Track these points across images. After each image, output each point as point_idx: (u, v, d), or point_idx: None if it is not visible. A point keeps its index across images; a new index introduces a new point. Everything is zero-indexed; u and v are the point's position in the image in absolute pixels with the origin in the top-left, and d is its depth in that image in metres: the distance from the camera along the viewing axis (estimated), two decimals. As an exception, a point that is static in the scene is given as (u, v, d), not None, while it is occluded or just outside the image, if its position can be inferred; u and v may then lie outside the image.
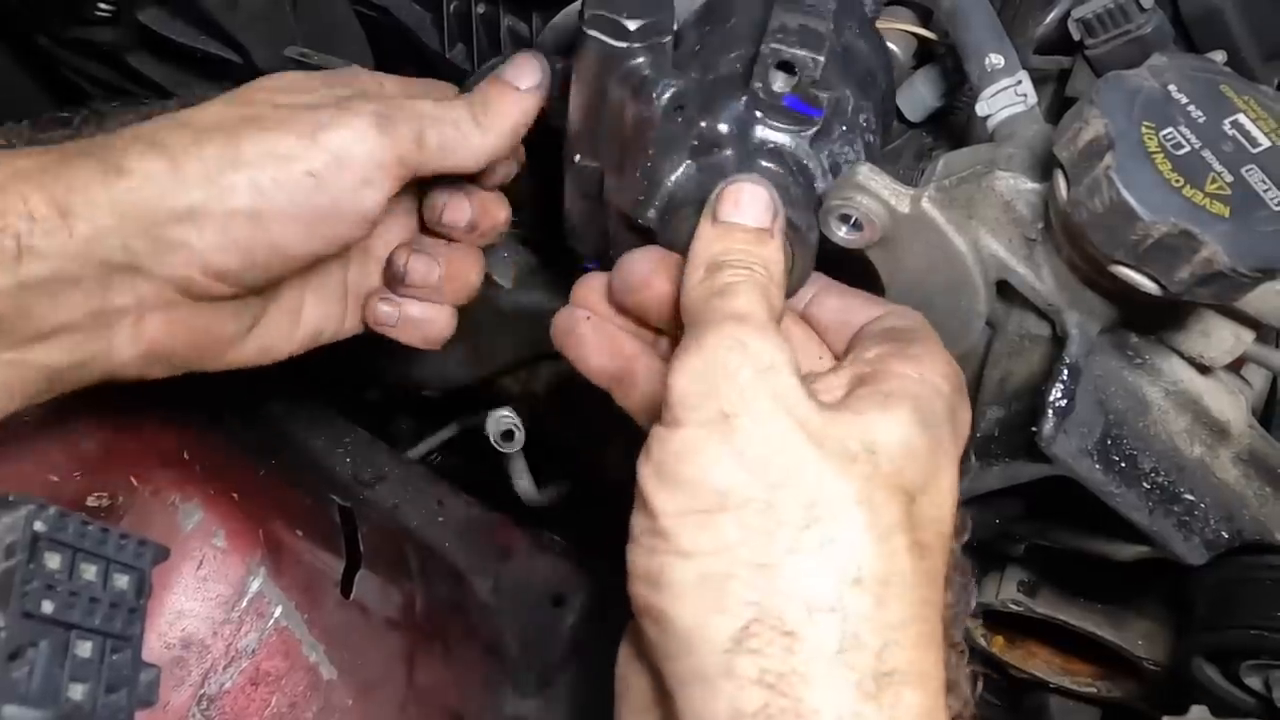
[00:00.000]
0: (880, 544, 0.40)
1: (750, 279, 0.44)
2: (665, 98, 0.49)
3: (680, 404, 0.41)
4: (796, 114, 0.51)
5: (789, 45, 0.48)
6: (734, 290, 0.44)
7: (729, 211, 0.46)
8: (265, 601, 0.65)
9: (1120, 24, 0.58)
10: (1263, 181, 0.46)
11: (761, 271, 0.45)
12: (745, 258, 0.45)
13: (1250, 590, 0.61)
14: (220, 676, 0.63)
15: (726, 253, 0.45)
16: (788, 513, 0.40)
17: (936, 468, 0.43)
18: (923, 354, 0.45)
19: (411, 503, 0.90)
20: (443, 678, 0.79)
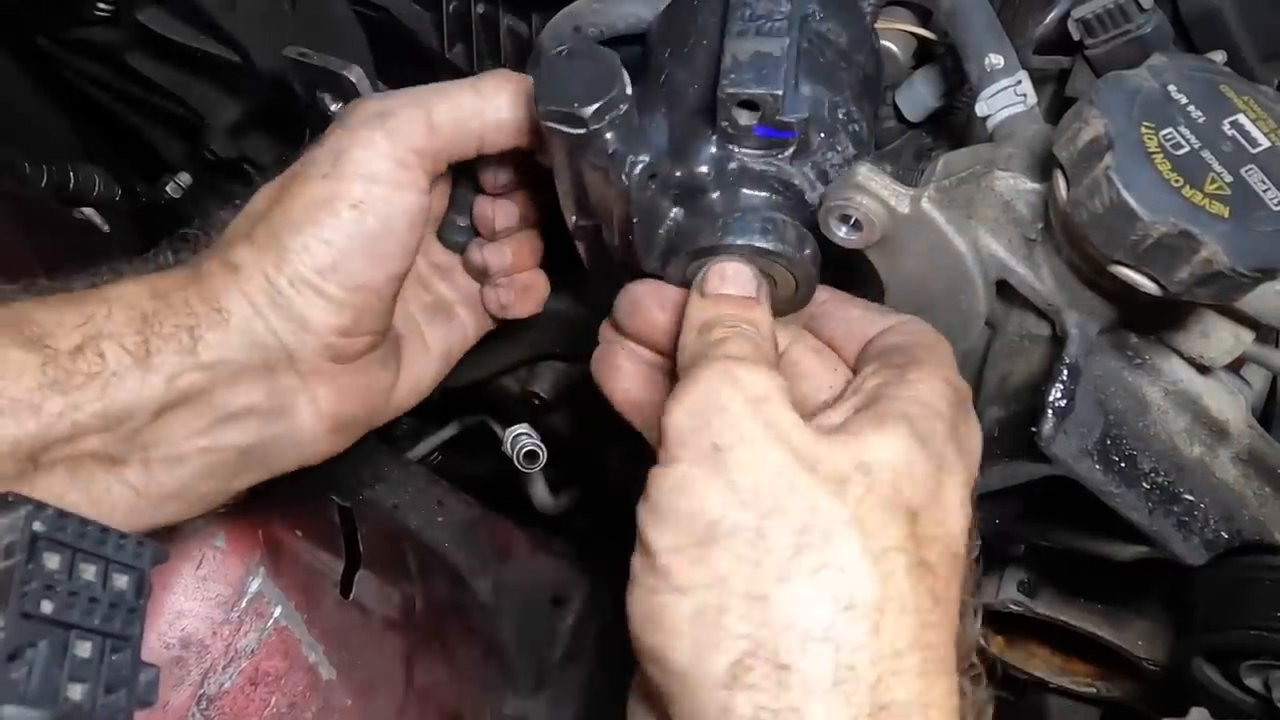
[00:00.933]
0: (875, 566, 0.39)
1: (740, 332, 0.46)
2: (635, 174, 0.49)
3: (674, 441, 0.42)
4: (770, 139, 0.51)
5: (744, 86, 0.48)
6: (725, 341, 0.45)
7: (715, 286, 0.49)
8: (264, 601, 0.65)
9: (1120, 24, 0.58)
10: (1262, 182, 0.46)
11: (751, 329, 0.47)
12: (734, 319, 0.47)
13: (1250, 590, 0.61)
14: (219, 676, 0.63)
15: (718, 317, 0.47)
16: (778, 539, 0.39)
17: (939, 485, 0.42)
18: (921, 377, 0.45)
19: (411, 503, 0.90)
20: (442, 677, 0.79)
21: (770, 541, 0.39)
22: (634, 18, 0.60)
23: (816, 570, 0.39)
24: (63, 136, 1.12)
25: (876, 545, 0.39)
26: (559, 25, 0.62)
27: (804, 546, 0.39)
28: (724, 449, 0.41)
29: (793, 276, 0.52)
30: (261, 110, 0.91)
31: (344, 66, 0.63)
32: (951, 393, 0.45)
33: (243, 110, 0.91)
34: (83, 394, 0.47)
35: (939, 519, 0.42)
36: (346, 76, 0.63)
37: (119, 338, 0.48)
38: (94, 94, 0.98)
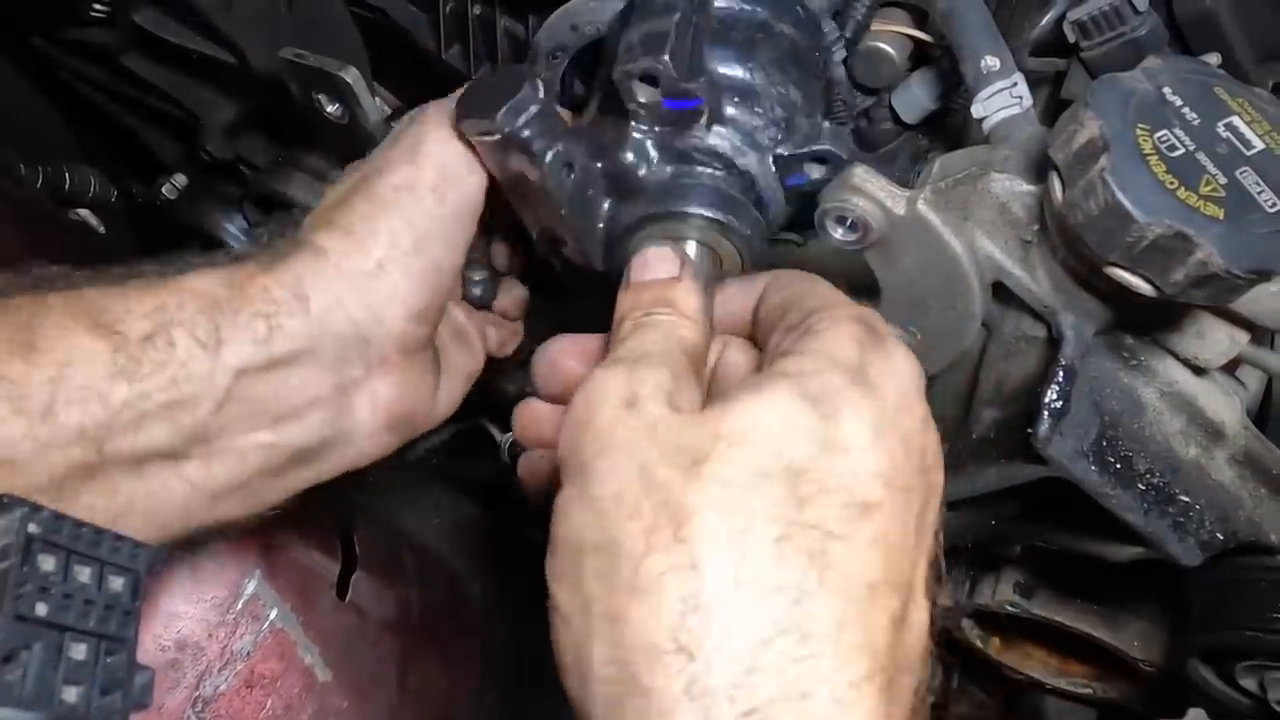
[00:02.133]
0: (730, 548, 0.35)
1: (647, 321, 0.45)
2: (548, 161, 0.51)
3: (561, 467, 0.40)
4: (679, 112, 0.52)
5: (635, 61, 0.49)
6: (624, 340, 0.44)
7: (637, 274, 0.48)
8: (260, 604, 0.65)
9: (1115, 26, 0.59)
10: (1257, 184, 0.47)
11: (664, 312, 0.45)
12: (651, 304, 0.46)
13: (1245, 591, 0.62)
14: (215, 679, 0.63)
15: (634, 306, 0.46)
16: (630, 546, 0.36)
17: (834, 434, 0.37)
18: (822, 323, 0.42)
19: (408, 505, 0.90)
20: (438, 680, 0.79)
21: (623, 550, 0.36)
22: (630, 19, 0.60)
23: (664, 573, 0.35)
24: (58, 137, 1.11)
25: (732, 525, 0.36)
26: (555, 25, 0.62)
27: (652, 548, 0.36)
28: (588, 463, 0.39)
29: (730, 242, 0.52)
30: (257, 111, 0.90)
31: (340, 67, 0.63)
32: (858, 330, 0.41)
33: (238, 111, 0.91)
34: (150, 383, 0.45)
35: (833, 469, 0.37)
36: (342, 78, 0.63)
37: (190, 326, 0.47)
38: (89, 95, 0.98)
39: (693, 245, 0.53)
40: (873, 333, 0.42)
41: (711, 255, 0.53)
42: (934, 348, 0.59)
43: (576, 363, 0.52)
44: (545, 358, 0.54)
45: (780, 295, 0.47)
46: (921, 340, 0.59)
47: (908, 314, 0.58)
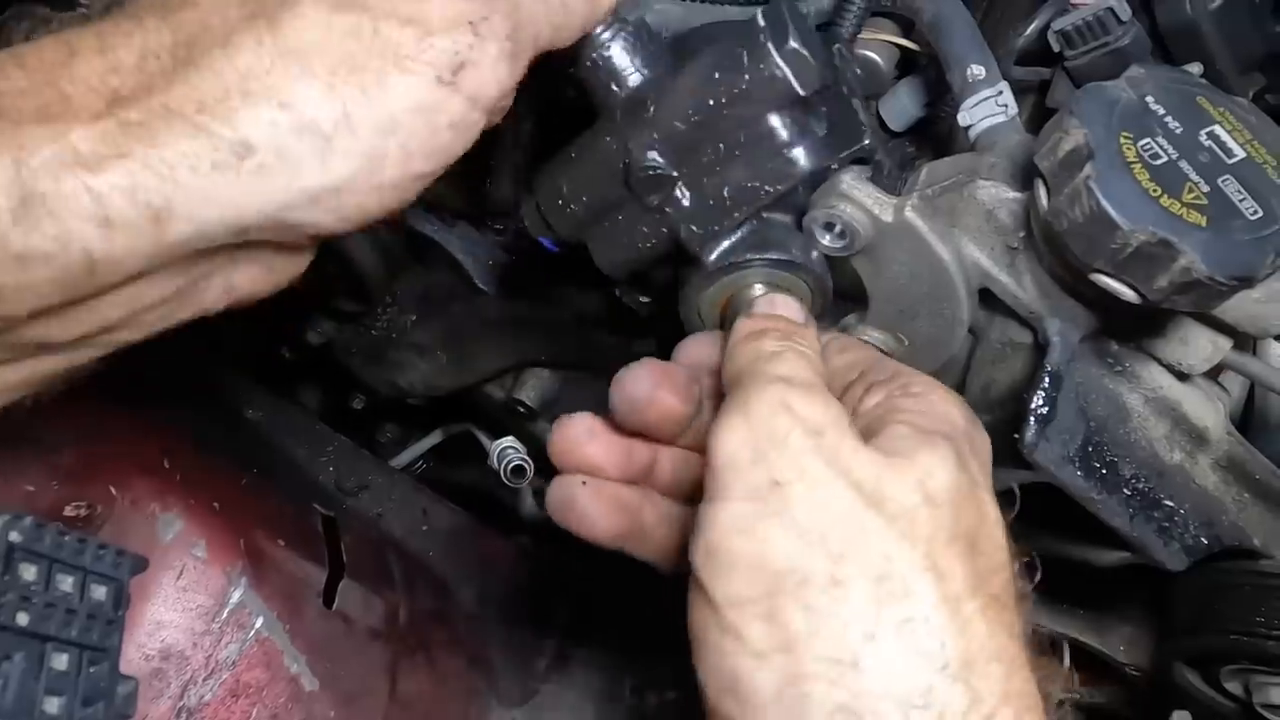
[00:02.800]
0: (955, 616, 0.36)
1: (793, 348, 0.43)
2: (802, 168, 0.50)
3: (727, 473, 0.38)
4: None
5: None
6: (779, 356, 0.42)
7: (765, 308, 0.48)
8: (246, 612, 0.64)
9: (1099, 36, 0.59)
10: (1238, 191, 0.47)
11: (803, 344, 0.44)
12: (790, 333, 0.45)
13: (1229, 596, 0.62)
14: (200, 688, 0.62)
15: (773, 330, 0.45)
16: (857, 589, 0.36)
17: (981, 503, 0.40)
18: (924, 390, 0.43)
19: (395, 512, 0.89)
20: (426, 689, 0.79)
21: (849, 591, 0.36)
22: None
23: (902, 624, 0.36)
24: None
25: (951, 589, 0.37)
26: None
27: (885, 597, 0.36)
28: (784, 485, 0.37)
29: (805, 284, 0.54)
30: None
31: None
32: (959, 400, 0.43)
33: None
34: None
35: (994, 543, 0.39)
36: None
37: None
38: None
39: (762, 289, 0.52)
40: (966, 404, 0.44)
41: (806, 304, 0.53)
42: (921, 354, 0.59)
43: (672, 395, 0.47)
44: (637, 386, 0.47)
45: (848, 356, 0.47)
46: (909, 346, 0.59)
47: (895, 320, 0.58)
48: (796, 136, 0.50)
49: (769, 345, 0.43)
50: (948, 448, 0.39)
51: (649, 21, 0.53)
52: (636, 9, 0.62)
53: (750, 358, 0.43)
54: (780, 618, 0.36)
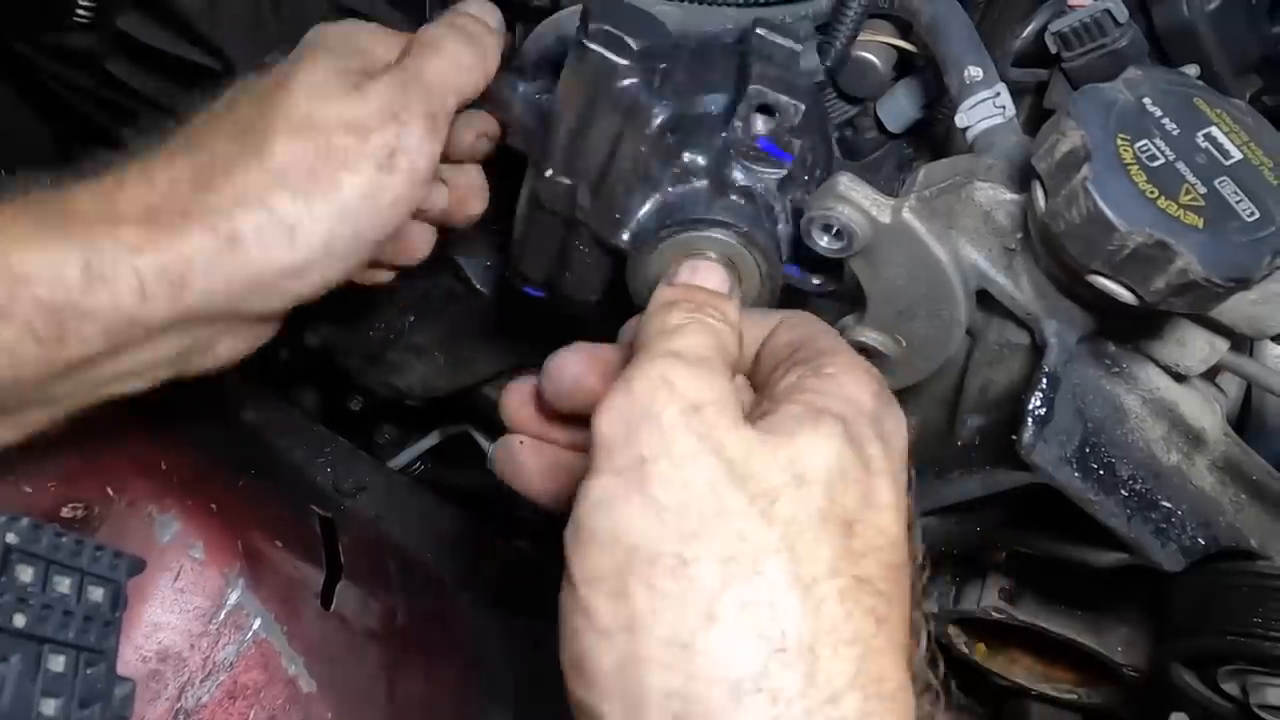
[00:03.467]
0: (806, 597, 0.35)
1: (701, 320, 0.42)
2: (657, 122, 0.51)
3: (601, 450, 0.38)
4: (769, 157, 0.53)
5: (774, 89, 0.50)
6: (682, 330, 0.42)
7: (686, 276, 0.46)
8: (244, 613, 0.64)
9: (1096, 38, 0.59)
10: (1235, 193, 0.47)
11: (717, 316, 0.43)
12: (705, 304, 0.43)
13: (1227, 596, 0.62)
14: (197, 690, 0.62)
15: (686, 298, 0.44)
16: (702, 570, 0.35)
17: (872, 489, 0.39)
18: (839, 368, 0.42)
19: (393, 513, 0.89)
20: (424, 690, 0.79)
21: (694, 571, 0.35)
22: (617, 28, 0.60)
23: (744, 607, 0.35)
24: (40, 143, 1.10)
25: (807, 571, 0.36)
26: (542, 35, 0.62)
27: (730, 579, 0.35)
28: (649, 461, 0.37)
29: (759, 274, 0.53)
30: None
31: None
32: (872, 382, 0.42)
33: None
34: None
35: (877, 527, 0.38)
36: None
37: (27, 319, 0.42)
38: (73, 100, 0.97)
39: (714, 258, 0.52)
40: (883, 387, 0.43)
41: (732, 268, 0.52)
42: (919, 355, 0.59)
43: (598, 379, 0.48)
44: (562, 372, 0.48)
45: (788, 335, 0.46)
46: (907, 347, 0.59)
47: (893, 321, 0.58)
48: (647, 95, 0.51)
49: (675, 318, 0.42)
50: (834, 427, 0.38)
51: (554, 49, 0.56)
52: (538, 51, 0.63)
53: (654, 330, 0.42)
54: (627, 596, 0.35)
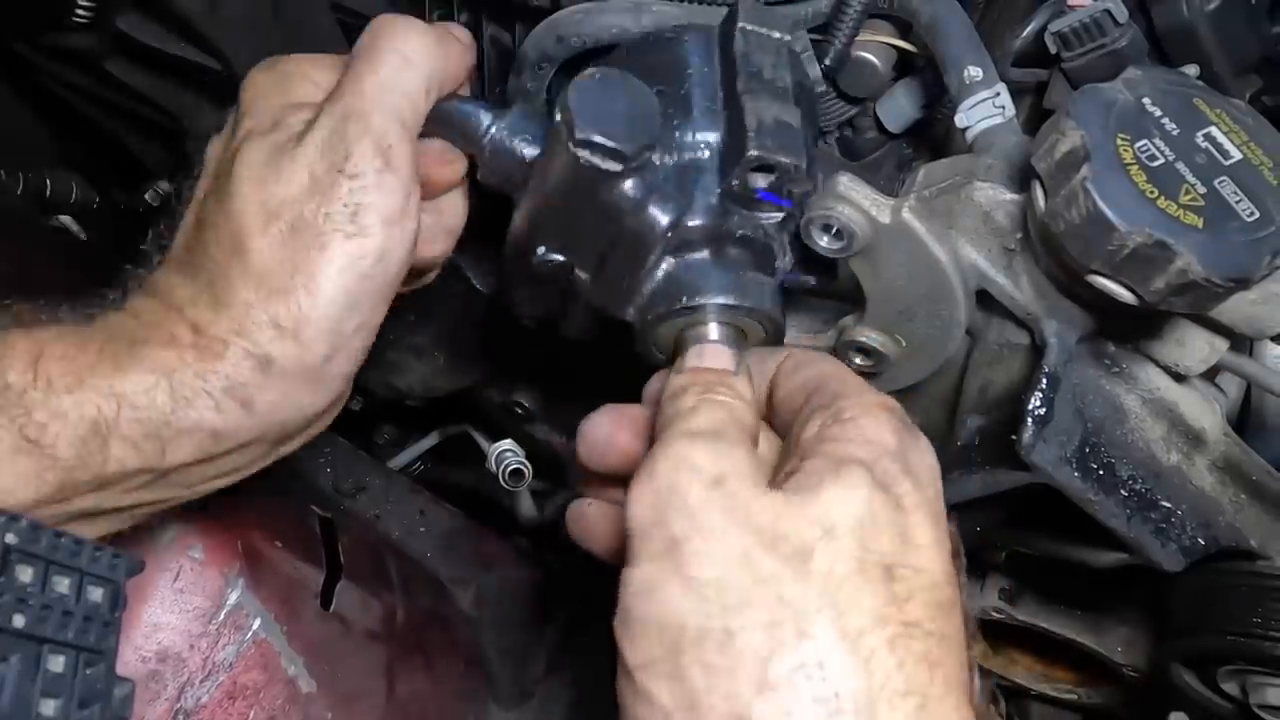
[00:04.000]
0: (854, 652, 0.36)
1: (711, 399, 0.44)
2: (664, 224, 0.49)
3: (636, 538, 0.39)
4: (769, 204, 0.52)
5: (771, 152, 0.48)
6: (695, 411, 0.43)
7: (694, 361, 0.48)
8: (243, 613, 0.64)
9: (1096, 38, 0.59)
10: (1235, 193, 0.47)
11: (724, 394, 0.44)
12: (714, 384, 0.45)
13: (1226, 596, 0.62)
14: (197, 690, 0.62)
15: (694, 382, 0.45)
16: (749, 640, 0.36)
17: (906, 529, 0.39)
18: (858, 410, 0.42)
19: (393, 513, 0.89)
20: (423, 690, 0.79)
21: (740, 643, 0.36)
22: (617, 28, 0.60)
23: (794, 671, 0.36)
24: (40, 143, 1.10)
25: (852, 624, 0.36)
26: (541, 35, 0.62)
27: (777, 645, 0.36)
28: (681, 542, 0.38)
29: (764, 331, 0.53)
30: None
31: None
32: (893, 419, 0.42)
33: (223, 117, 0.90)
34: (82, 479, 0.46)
35: (917, 567, 0.38)
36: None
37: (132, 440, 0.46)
38: (72, 100, 0.97)
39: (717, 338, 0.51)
40: (905, 421, 0.43)
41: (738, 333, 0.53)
42: (919, 355, 0.59)
43: (630, 436, 0.49)
44: (596, 433, 0.50)
45: (799, 377, 0.47)
46: (906, 347, 0.59)
47: (893, 321, 0.58)
48: (644, 194, 0.49)
49: (688, 401, 0.44)
50: (859, 475, 0.39)
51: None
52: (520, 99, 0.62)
53: (670, 415, 0.44)
54: (682, 677, 0.36)
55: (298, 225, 0.47)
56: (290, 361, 0.47)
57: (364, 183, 0.47)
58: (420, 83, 0.49)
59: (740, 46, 0.52)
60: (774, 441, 0.49)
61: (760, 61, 0.51)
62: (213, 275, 0.47)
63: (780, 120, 0.49)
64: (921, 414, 0.68)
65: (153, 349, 0.46)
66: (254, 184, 0.47)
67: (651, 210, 0.49)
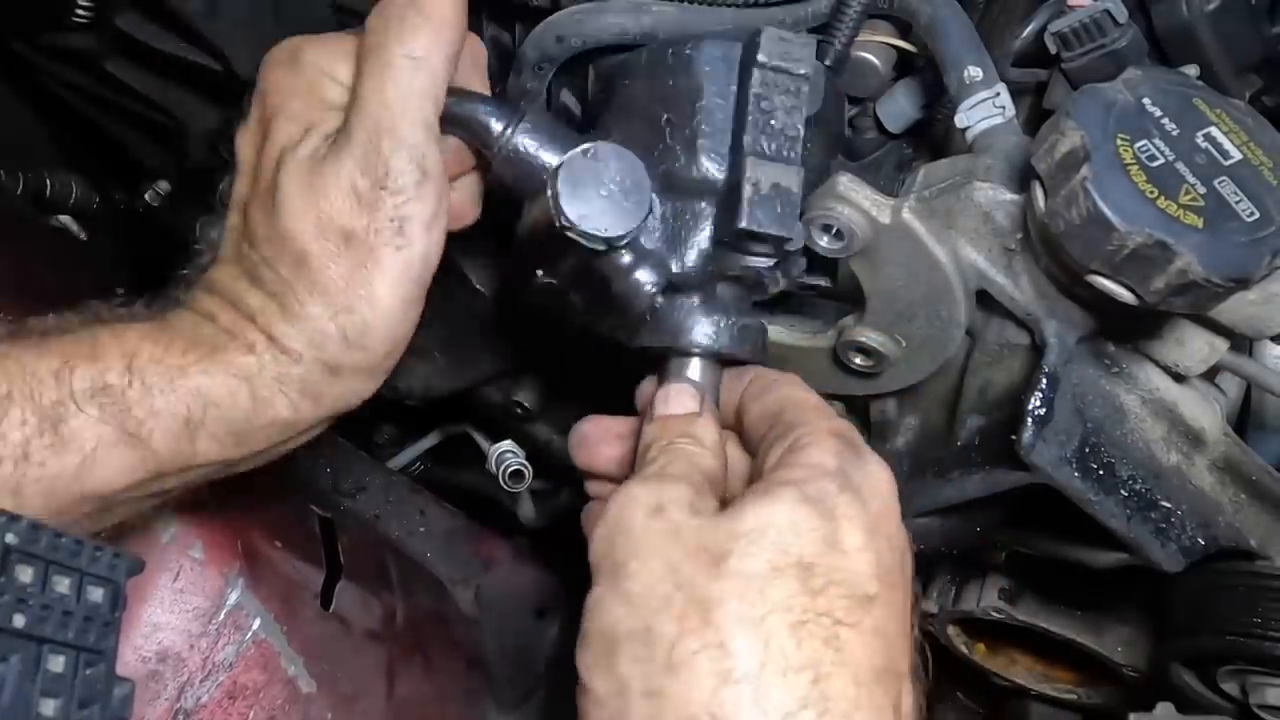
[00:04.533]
0: (754, 632, 0.40)
1: (672, 448, 0.49)
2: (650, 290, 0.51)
3: (593, 568, 0.45)
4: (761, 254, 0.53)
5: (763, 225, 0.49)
6: (655, 462, 0.49)
7: (660, 410, 0.52)
8: (243, 614, 0.64)
9: (1096, 38, 0.59)
10: (1235, 193, 0.47)
11: (686, 442, 0.49)
12: (675, 434, 0.50)
13: (1226, 596, 0.62)
14: (197, 690, 0.62)
15: (659, 436, 0.50)
16: (664, 631, 0.41)
17: (835, 532, 0.43)
18: (808, 439, 0.47)
19: (393, 513, 0.89)
20: (423, 690, 0.79)
21: (657, 635, 0.41)
22: (617, 29, 0.60)
23: (697, 652, 0.40)
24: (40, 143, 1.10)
25: (755, 612, 0.41)
26: (541, 36, 0.62)
27: (684, 632, 0.41)
28: (622, 564, 0.44)
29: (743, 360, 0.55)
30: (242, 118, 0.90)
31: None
32: (837, 443, 0.47)
33: (223, 118, 0.90)
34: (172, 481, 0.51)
35: (836, 565, 0.42)
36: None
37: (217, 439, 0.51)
38: (72, 100, 0.97)
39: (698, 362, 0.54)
40: (850, 445, 0.48)
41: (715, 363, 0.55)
42: (919, 355, 0.59)
43: (609, 446, 0.56)
44: (581, 441, 0.57)
45: (762, 404, 0.52)
46: (906, 347, 0.59)
47: (893, 321, 0.58)
48: (633, 262, 0.51)
49: (651, 453, 0.49)
50: (785, 492, 0.44)
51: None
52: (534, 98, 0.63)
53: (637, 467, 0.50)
54: (614, 670, 0.42)
55: (350, 240, 0.50)
56: (356, 364, 0.52)
57: (406, 196, 0.50)
58: (436, 80, 0.52)
59: (757, 86, 0.51)
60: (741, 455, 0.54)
61: (774, 105, 0.51)
62: (278, 288, 0.51)
63: (779, 186, 0.50)
64: (921, 414, 0.68)
65: (232, 355, 0.51)
66: (302, 201, 0.51)
67: (637, 277, 0.51)
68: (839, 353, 0.60)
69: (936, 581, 0.89)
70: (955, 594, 0.88)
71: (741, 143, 0.51)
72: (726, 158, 0.52)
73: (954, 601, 0.87)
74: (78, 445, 0.47)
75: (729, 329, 0.54)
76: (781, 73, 0.51)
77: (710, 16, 0.60)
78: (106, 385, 0.48)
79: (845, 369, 0.61)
